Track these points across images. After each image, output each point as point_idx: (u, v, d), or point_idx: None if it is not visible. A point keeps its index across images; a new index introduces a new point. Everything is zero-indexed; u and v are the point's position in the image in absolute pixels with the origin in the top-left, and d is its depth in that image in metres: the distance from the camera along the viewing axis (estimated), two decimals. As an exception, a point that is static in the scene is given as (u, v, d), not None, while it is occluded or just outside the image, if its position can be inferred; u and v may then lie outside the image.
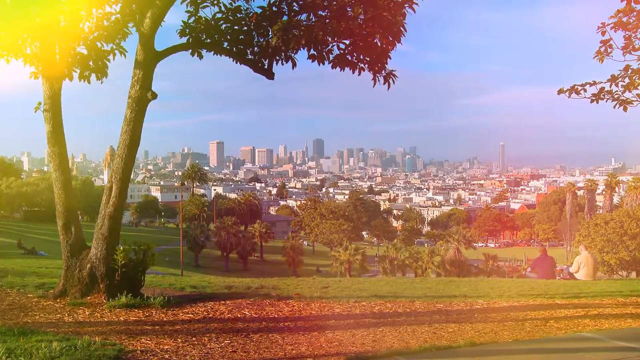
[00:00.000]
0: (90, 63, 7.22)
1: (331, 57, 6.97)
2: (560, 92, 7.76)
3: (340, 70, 7.04)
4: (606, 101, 7.66)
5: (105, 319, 6.30)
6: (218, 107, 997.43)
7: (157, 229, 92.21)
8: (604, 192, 72.79)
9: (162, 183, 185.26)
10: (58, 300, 7.05)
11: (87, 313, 6.51)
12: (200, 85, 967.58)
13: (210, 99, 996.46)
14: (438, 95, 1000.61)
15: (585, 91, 7.73)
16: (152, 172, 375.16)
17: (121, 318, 6.37)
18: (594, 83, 7.71)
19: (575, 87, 7.76)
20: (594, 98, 7.66)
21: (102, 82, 7.36)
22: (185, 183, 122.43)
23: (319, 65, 6.91)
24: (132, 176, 8.32)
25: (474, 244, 58.01)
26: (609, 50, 7.33)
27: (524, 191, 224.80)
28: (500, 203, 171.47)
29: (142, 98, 7.09)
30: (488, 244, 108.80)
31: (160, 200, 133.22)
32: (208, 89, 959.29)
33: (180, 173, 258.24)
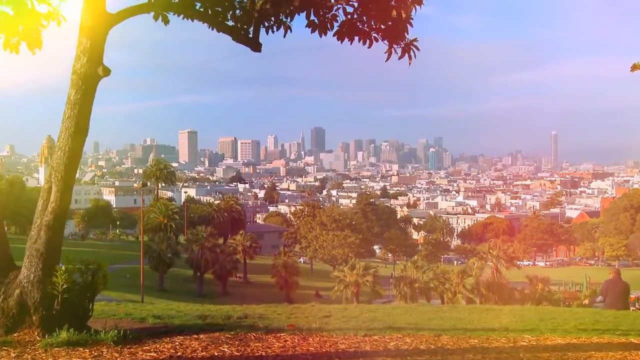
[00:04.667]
0: (20, 28, 7.10)
1: (336, 25, 6.92)
2: (635, 68, 7.53)
3: (350, 42, 6.98)
4: None
5: (40, 362, 6.24)
6: (190, 86, 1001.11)
7: (111, 243, 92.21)
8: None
9: (117, 184, 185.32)
10: (-26, 339, 6.97)
11: (14, 355, 6.36)
12: (167, 59, 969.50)
13: (180, 77, 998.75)
14: (471, 72, 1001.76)
15: None
16: (105, 170, 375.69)
17: None
18: None
19: None
20: None
21: (34, 53, 7.27)
22: (148, 184, 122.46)
23: (321, 36, 6.85)
24: (77, 175, 8.28)
25: (518, 263, 57.89)
26: None
27: (583, 194, 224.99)
28: (552, 209, 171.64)
29: (90, 74, 7.05)
30: (536, 263, 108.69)
31: (114, 205, 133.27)
32: (178, 63, 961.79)
33: (141, 171, 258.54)
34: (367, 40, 6.98)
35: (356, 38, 6.97)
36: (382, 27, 6.95)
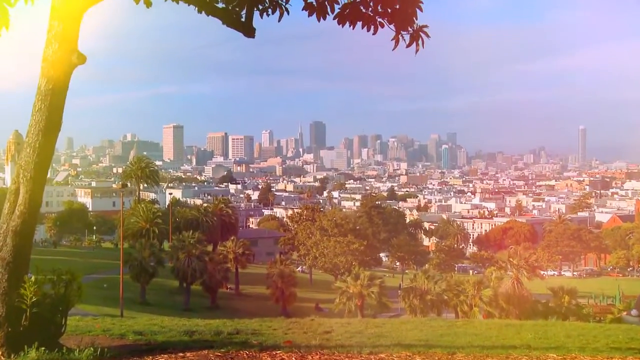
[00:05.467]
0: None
1: (337, 7, 6.90)
2: None
3: (351, 27, 6.96)
4: None
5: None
6: (176, 76, 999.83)
7: (87, 250, 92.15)
8: None
9: (93, 184, 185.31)
10: None
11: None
12: (150, 45, 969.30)
13: (164, 65, 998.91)
14: (488, 60, 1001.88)
15: None
16: (79, 169, 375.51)
17: (31, 381, 6.30)
18: None
19: None
20: None
21: (0, 35, 7.23)
22: (128, 184, 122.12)
23: (319, 20, 6.84)
24: (49, 174, 8.25)
25: (542, 272, 57.90)
26: None
27: (616, 196, 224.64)
28: (580, 213, 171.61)
29: (63, 62, 7.03)
30: (562, 273, 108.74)
31: (91, 208, 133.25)
32: (162, 50, 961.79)
33: (120, 170, 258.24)
34: (372, 26, 6.96)
35: (359, 23, 6.95)
36: (389, 10, 6.93)
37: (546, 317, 39.64)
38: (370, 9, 6.94)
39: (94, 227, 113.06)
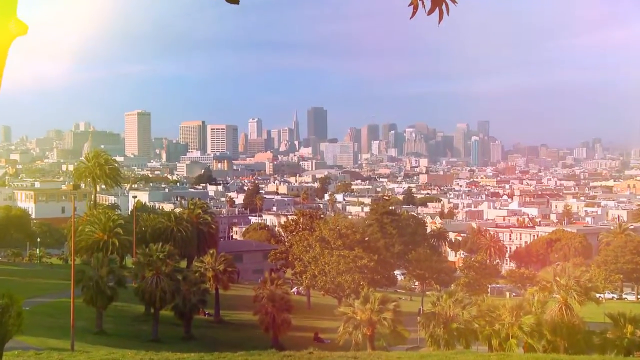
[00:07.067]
0: None
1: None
2: None
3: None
4: None
5: None
6: (142, 53, 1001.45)
7: (29, 268, 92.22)
8: None
9: (37, 185, 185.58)
10: None
11: None
12: (110, 15, 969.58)
13: (127, 40, 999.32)
14: (530, 31, 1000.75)
15: None
16: (20, 166, 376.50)
17: None
18: None
19: None
20: None
21: None
22: (82, 185, 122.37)
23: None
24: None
25: (597, 295, 57.89)
26: None
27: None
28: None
29: (-1, 32, 7.02)
30: (624, 296, 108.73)
31: (34, 215, 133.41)
32: (124, 21, 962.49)
33: (71, 167, 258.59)
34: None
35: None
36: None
37: (603, 351, 39.72)
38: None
39: (38, 239, 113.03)
